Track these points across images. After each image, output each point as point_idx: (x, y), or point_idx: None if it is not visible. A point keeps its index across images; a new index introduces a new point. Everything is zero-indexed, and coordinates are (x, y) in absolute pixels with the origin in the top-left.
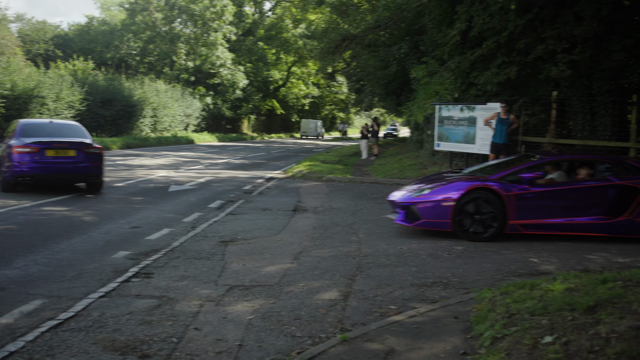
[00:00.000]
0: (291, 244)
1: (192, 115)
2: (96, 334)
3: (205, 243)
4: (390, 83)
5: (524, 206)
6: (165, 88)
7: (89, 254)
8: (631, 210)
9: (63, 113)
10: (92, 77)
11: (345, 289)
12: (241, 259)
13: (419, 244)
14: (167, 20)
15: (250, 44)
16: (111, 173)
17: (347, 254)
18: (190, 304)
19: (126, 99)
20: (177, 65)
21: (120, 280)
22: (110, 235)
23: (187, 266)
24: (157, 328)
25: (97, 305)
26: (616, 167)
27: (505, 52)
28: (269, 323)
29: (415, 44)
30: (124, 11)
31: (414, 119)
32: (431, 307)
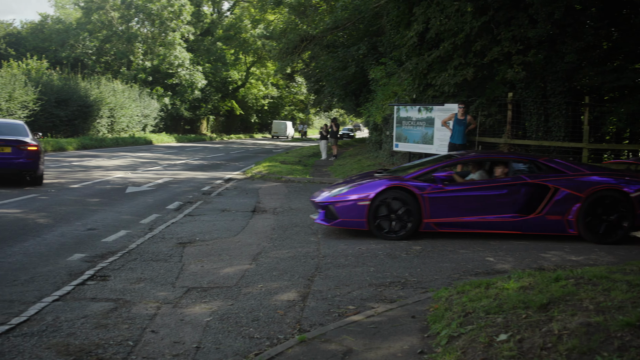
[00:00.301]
0: (250, 245)
1: (150, 115)
2: (50, 338)
3: (162, 245)
4: (349, 84)
5: (438, 205)
6: (123, 88)
7: (43, 257)
8: (542, 208)
9: (17, 113)
10: (46, 76)
11: (303, 290)
12: (199, 261)
13: (378, 244)
14: (124, 19)
15: (209, 44)
16: (67, 174)
17: (305, 254)
18: (147, 306)
19: (82, 99)
20: (135, 65)
21: (75, 283)
22: (65, 237)
23: (144, 268)
24: (112, 331)
25: (51, 309)
26: (530, 166)
27: (461, 54)
28: (226, 325)
29: (373, 45)
30: (79, 9)
31: (373, 120)
32: (389, 306)
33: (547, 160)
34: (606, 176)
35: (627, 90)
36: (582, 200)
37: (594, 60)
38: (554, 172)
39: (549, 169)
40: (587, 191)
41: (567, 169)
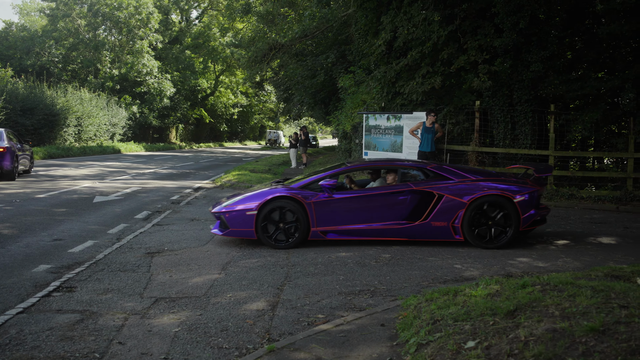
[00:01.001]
0: (219, 254)
1: (118, 124)
2: (13, 352)
3: (130, 255)
4: (318, 92)
5: (325, 213)
6: (90, 96)
7: (6, 269)
8: (427, 215)
9: None
10: (11, 84)
11: (273, 299)
12: (168, 271)
13: (347, 252)
14: (90, 27)
15: (177, 52)
16: (32, 184)
17: (275, 263)
18: (114, 317)
19: (48, 107)
20: (102, 73)
21: (40, 295)
22: (30, 248)
23: (112, 279)
24: (79, 344)
25: (15, 321)
26: (419, 173)
27: (429, 62)
28: (195, 335)
29: (342, 53)
30: (44, 17)
31: (342, 128)
32: (358, 315)
33: (436, 167)
34: (492, 182)
35: (591, 98)
36: (466, 206)
37: (558, 69)
38: (441, 179)
39: (437, 175)
40: (470, 197)
41: (454, 175)
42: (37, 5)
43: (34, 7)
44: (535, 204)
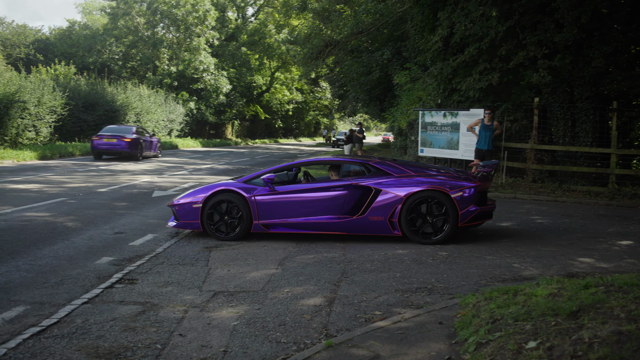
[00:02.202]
0: (275, 249)
1: (175, 120)
2: (79, 340)
3: (189, 249)
4: (373, 89)
5: (266, 207)
6: (149, 93)
7: (72, 260)
8: (364, 209)
9: (45, 118)
10: (74, 81)
11: (330, 295)
12: (225, 265)
13: (404, 249)
14: (149, 25)
15: (234, 49)
16: (94, 178)
17: (331, 259)
18: (174, 310)
19: (109, 103)
20: (160, 70)
21: (103, 286)
22: (93, 241)
23: (172, 272)
24: (141, 334)
25: (81, 311)
26: (361, 168)
27: (487, 59)
28: (253, 329)
29: (397, 50)
30: (105, 15)
31: (397, 125)
32: (416, 312)
33: (378, 163)
34: (432, 177)
35: None
36: (403, 201)
37: (621, 64)
38: (382, 174)
39: (378, 171)
40: (407, 192)
41: (394, 171)
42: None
43: (96, 6)
44: (476, 200)
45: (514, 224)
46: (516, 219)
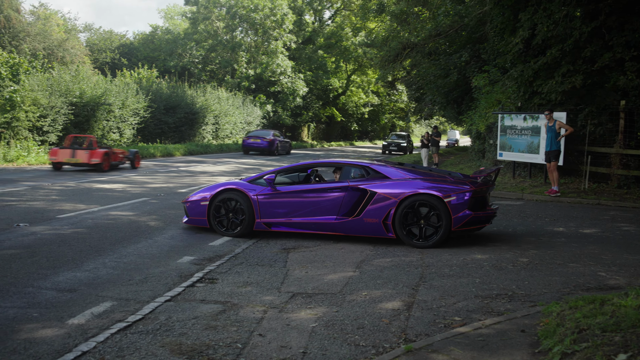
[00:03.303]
0: (353, 252)
1: (252, 122)
2: (163, 337)
3: (267, 250)
4: (450, 92)
5: (269, 206)
6: (227, 96)
7: (154, 259)
8: (359, 211)
9: (128, 120)
10: (156, 84)
11: (408, 299)
12: (303, 267)
13: (483, 254)
14: (228, 29)
15: (310, 52)
16: (175, 179)
17: (409, 263)
18: (254, 310)
19: (189, 106)
20: (238, 73)
21: (185, 284)
22: (175, 240)
23: (250, 272)
24: (222, 333)
25: (164, 309)
26: (361, 171)
27: (570, 60)
28: (332, 331)
29: (476, 52)
30: (186, 20)
31: (475, 128)
32: (497, 319)
33: (378, 166)
34: (428, 182)
35: None
36: (397, 204)
37: None
38: (380, 177)
39: (376, 174)
40: (400, 196)
41: (392, 174)
42: (180, 9)
43: (177, 11)
44: (471, 205)
45: (598, 231)
46: (600, 225)
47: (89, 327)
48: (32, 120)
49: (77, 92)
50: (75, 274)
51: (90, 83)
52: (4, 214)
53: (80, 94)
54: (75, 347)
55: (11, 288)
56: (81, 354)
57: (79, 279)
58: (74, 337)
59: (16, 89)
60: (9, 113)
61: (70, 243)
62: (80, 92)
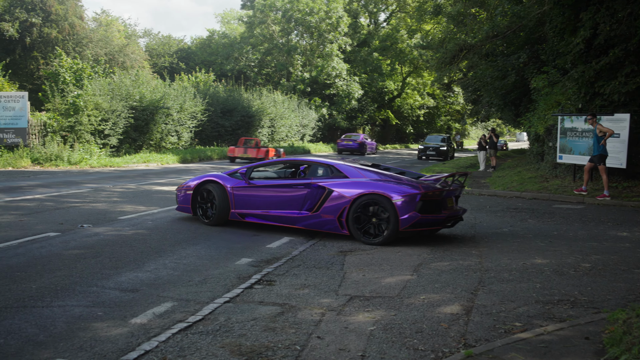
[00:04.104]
0: (410, 255)
1: (308, 125)
2: (223, 338)
3: (324, 252)
4: (508, 93)
5: (241, 198)
6: (282, 99)
7: (213, 260)
8: (318, 207)
9: (186, 123)
10: (213, 88)
11: (467, 304)
12: (360, 269)
13: (543, 259)
14: (284, 32)
15: (365, 55)
16: None
17: (467, 267)
18: (312, 312)
19: (245, 109)
20: (294, 76)
21: (244, 286)
22: (232, 242)
23: (308, 275)
24: (280, 335)
25: (223, 310)
26: (326, 169)
27: (634, 60)
28: (390, 335)
29: (534, 53)
30: (243, 24)
31: (534, 130)
32: (559, 325)
33: (341, 165)
34: (383, 183)
35: None
36: (350, 203)
37: None
38: (341, 176)
39: (338, 172)
40: (354, 195)
41: (352, 174)
42: (236, 13)
43: (234, 16)
44: (419, 207)
45: None
46: None
47: (151, 326)
48: (94, 124)
49: (137, 96)
50: (137, 274)
51: (149, 87)
52: (69, 215)
53: (140, 98)
54: (138, 346)
55: (77, 287)
56: (144, 352)
57: (141, 279)
58: (136, 336)
59: (79, 93)
60: (73, 117)
61: (131, 244)
62: (140, 96)
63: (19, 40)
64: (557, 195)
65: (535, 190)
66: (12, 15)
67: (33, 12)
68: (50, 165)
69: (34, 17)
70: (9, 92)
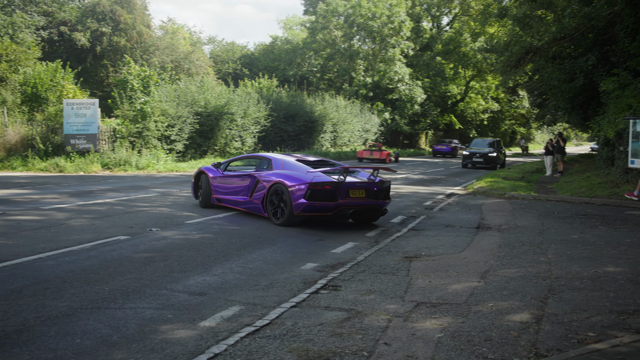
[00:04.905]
0: (476, 262)
1: (370, 130)
2: (290, 342)
3: (389, 258)
4: (576, 97)
5: (215, 186)
6: (345, 104)
7: (279, 265)
8: (251, 194)
9: (250, 128)
10: (276, 94)
11: (537, 312)
12: (426, 276)
13: (616, 267)
14: (346, 37)
15: (428, 59)
16: None
17: (536, 274)
18: (378, 318)
19: (308, 114)
20: (356, 81)
21: (309, 291)
22: (297, 247)
23: (373, 280)
24: (347, 340)
25: (290, 314)
26: (266, 163)
27: None
28: (459, 342)
29: (604, 54)
30: (305, 30)
31: (604, 135)
32: (636, 337)
33: (274, 159)
34: (290, 173)
35: None
36: (267, 190)
37: None
38: (270, 168)
39: (270, 164)
40: (269, 184)
41: (277, 166)
42: (299, 19)
43: (296, 22)
44: (308, 195)
45: None
46: None
47: (220, 330)
48: (160, 130)
49: (202, 102)
50: (205, 277)
51: (214, 93)
52: (138, 219)
53: (205, 104)
54: (207, 349)
55: (147, 290)
56: (213, 356)
57: (208, 283)
58: (205, 339)
59: (147, 100)
60: (141, 123)
61: (198, 248)
62: (205, 102)
63: (90, 49)
64: (629, 201)
65: (606, 196)
66: (84, 26)
67: (103, 22)
68: (119, 170)
69: (104, 27)
70: (81, 99)
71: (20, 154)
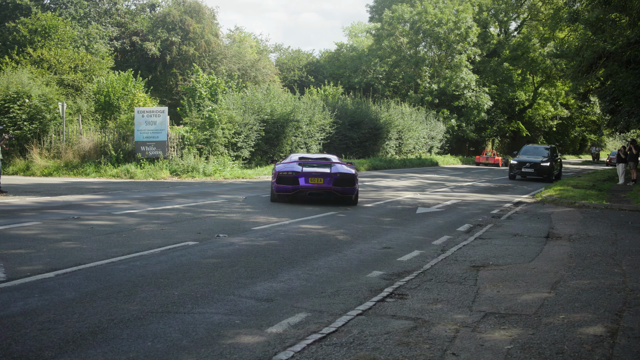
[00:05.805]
0: (546, 272)
1: (435, 137)
2: (357, 350)
3: (456, 267)
4: None
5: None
6: (410, 111)
7: (344, 272)
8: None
9: (315, 136)
10: (341, 101)
11: (611, 325)
12: (494, 285)
13: None
14: (412, 44)
15: (495, 65)
16: (360, 194)
17: (610, 286)
18: (445, 328)
19: (373, 121)
20: (422, 88)
21: (376, 299)
22: (363, 254)
23: (440, 289)
24: (414, 350)
25: (356, 322)
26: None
27: None
28: (529, 355)
29: None
30: (370, 37)
31: None
32: None
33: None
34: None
35: None
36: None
37: None
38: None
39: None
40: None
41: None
42: (364, 26)
43: (361, 29)
44: (277, 180)
45: None
46: None
47: (287, 336)
48: (227, 137)
49: (268, 110)
50: (271, 284)
51: (280, 101)
52: (206, 225)
53: (271, 111)
54: (274, 355)
55: (215, 295)
56: None
57: (275, 289)
58: (273, 345)
59: (214, 108)
60: (208, 130)
61: (265, 254)
62: (271, 110)
63: (160, 58)
64: None
65: None
66: (155, 35)
67: (173, 32)
68: (187, 177)
69: (174, 36)
70: (151, 107)
71: (93, 160)
